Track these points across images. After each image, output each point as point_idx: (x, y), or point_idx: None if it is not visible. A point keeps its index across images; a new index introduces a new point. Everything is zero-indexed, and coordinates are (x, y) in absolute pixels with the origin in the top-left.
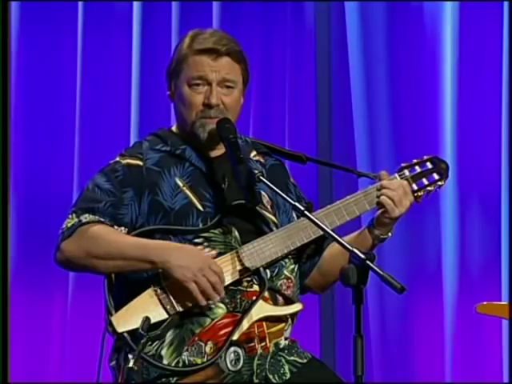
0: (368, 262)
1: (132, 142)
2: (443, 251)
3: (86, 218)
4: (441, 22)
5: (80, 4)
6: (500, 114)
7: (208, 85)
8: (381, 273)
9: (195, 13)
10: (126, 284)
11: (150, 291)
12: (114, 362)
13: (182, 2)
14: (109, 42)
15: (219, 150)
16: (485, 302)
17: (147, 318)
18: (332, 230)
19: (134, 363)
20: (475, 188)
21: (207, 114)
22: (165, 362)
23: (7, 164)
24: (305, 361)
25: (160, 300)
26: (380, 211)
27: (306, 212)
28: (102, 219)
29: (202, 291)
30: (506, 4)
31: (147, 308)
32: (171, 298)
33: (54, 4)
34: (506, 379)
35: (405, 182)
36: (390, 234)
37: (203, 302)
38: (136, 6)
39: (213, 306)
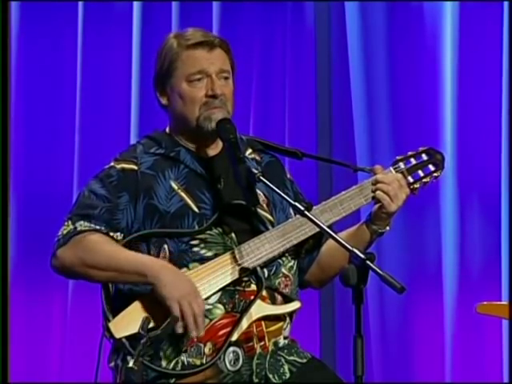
0: (368, 261)
1: (132, 142)
2: (443, 251)
3: (81, 225)
4: (441, 22)
5: (80, 4)
6: (500, 114)
7: (207, 77)
8: (381, 273)
9: (195, 13)
10: (124, 289)
11: (147, 296)
12: (113, 363)
13: (181, 2)
14: (109, 41)
15: (215, 149)
16: (485, 302)
17: (147, 318)
18: (329, 227)
19: (134, 363)
20: (475, 188)
21: (212, 105)
22: (163, 363)
23: (7, 164)
24: (304, 360)
25: (157, 304)
26: (377, 206)
27: (306, 212)
28: (97, 227)
29: (182, 316)
30: (506, 4)
31: (145, 312)
32: None
33: (53, 4)
34: (506, 379)
35: (399, 176)
36: (388, 227)
37: (180, 329)
38: (136, 5)
39: (211, 307)
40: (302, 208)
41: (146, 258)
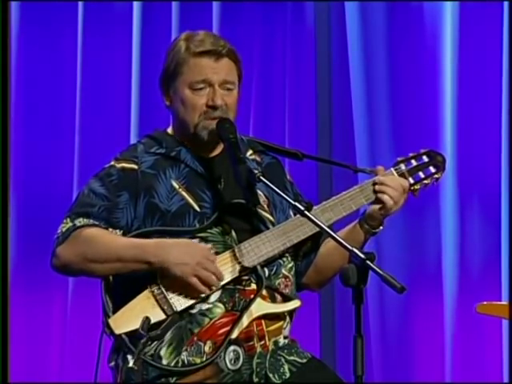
0: (368, 261)
1: (132, 143)
2: (443, 251)
3: (80, 222)
4: (441, 22)
5: (80, 4)
6: (500, 114)
7: (210, 86)
8: (381, 272)
9: (195, 13)
10: (124, 286)
11: (146, 292)
12: (113, 363)
13: (181, 2)
14: (109, 41)
15: (215, 151)
16: (485, 302)
17: (147, 318)
18: (329, 227)
19: (134, 363)
20: (475, 188)
21: (211, 115)
22: (164, 362)
23: (7, 164)
24: (304, 360)
25: (157, 301)
26: (376, 207)
27: (306, 212)
28: (96, 222)
29: (203, 282)
30: (506, 4)
31: (145, 309)
32: (168, 299)
33: (53, 4)
34: (506, 379)
35: (404, 181)
36: (381, 227)
37: (206, 291)
38: (136, 5)
39: (211, 306)
40: (302, 208)
41: (145, 243)
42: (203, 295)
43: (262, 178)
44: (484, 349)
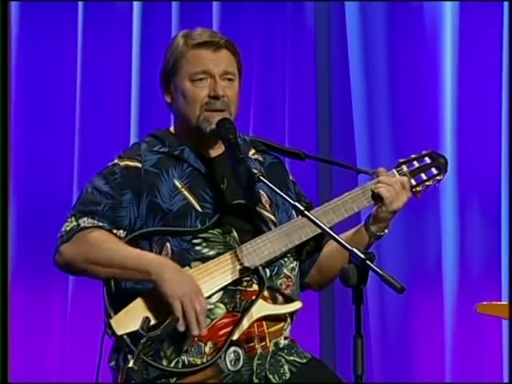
0: (368, 261)
1: (132, 143)
2: (443, 251)
3: (84, 222)
4: (441, 21)
5: (80, 4)
6: (500, 114)
7: (211, 78)
8: (381, 273)
9: (195, 13)
10: (126, 286)
11: (149, 293)
12: (113, 363)
13: (181, 2)
14: (109, 41)
15: (218, 150)
16: (485, 302)
17: (147, 318)
18: (331, 229)
19: (134, 363)
20: (475, 187)
21: (212, 106)
22: (164, 362)
23: (7, 164)
24: (304, 361)
25: (159, 302)
26: (376, 206)
27: (305, 212)
28: (100, 224)
29: (184, 314)
30: (506, 4)
31: (146, 310)
32: None
33: (53, 4)
34: (506, 379)
35: (404, 178)
36: (386, 230)
37: (181, 327)
38: (136, 5)
39: (212, 306)
40: (302, 208)
41: (149, 256)
42: (181, 328)
43: (261, 178)
44: (484, 349)
